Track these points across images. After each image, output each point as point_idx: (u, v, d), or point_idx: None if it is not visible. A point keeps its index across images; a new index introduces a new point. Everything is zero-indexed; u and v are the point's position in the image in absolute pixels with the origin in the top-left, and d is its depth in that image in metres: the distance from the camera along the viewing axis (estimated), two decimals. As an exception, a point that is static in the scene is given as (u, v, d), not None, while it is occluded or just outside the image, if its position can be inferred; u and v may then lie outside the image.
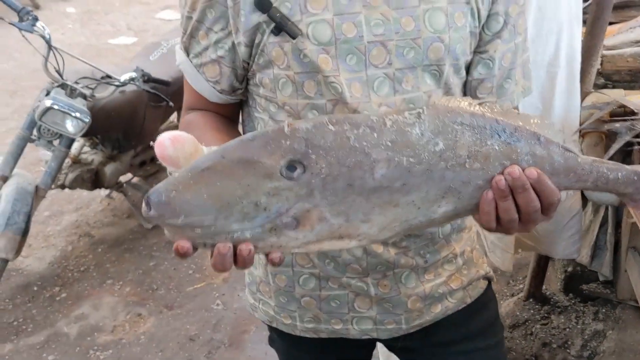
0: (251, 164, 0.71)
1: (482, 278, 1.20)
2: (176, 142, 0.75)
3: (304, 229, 0.74)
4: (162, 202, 0.69)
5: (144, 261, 3.29)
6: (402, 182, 0.75)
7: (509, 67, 1.07)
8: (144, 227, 3.55)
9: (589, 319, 2.37)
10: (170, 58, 3.41)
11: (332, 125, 0.73)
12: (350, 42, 0.95)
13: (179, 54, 1.08)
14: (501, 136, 0.79)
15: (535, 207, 0.79)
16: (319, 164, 0.72)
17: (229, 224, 0.71)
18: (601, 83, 2.03)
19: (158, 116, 3.50)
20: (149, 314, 2.89)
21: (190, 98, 1.11)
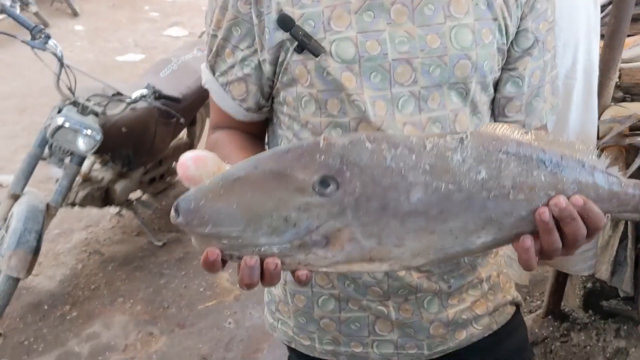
0: (283, 177, 0.69)
1: (509, 304, 1.16)
2: (199, 162, 0.74)
3: (333, 249, 0.72)
4: (190, 209, 0.68)
5: (155, 279, 3.26)
6: (439, 208, 0.73)
7: (538, 84, 1.05)
8: (154, 244, 3.53)
9: (610, 336, 2.32)
10: (181, 74, 3.43)
11: (370, 143, 0.71)
12: (374, 59, 0.93)
13: (205, 73, 1.07)
14: (547, 166, 0.76)
15: (583, 234, 0.76)
16: (353, 182, 0.70)
17: (257, 237, 0.70)
18: (619, 96, 2.00)
19: (168, 133, 3.49)
20: (161, 333, 2.85)
21: (217, 117, 1.10)
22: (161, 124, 3.30)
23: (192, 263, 3.38)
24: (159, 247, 3.53)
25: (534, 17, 1.00)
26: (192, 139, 3.92)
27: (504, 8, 0.97)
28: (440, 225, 0.74)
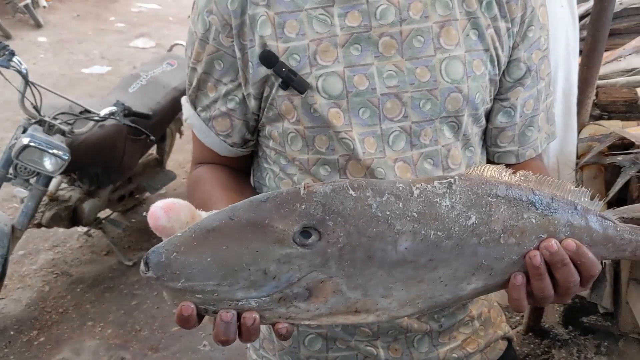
0: (261, 228, 0.66)
1: (500, 339, 1.12)
2: (170, 212, 0.70)
3: (316, 301, 0.69)
4: (161, 263, 0.65)
5: (126, 300, 3.17)
6: (428, 257, 0.70)
7: (531, 114, 1.03)
8: (125, 264, 3.44)
9: (591, 352, 2.33)
10: (150, 90, 3.37)
11: (353, 191, 0.68)
12: (362, 94, 0.90)
13: (186, 108, 1.03)
14: (538, 208, 0.73)
15: (575, 281, 0.73)
16: (336, 232, 0.67)
17: (234, 291, 0.66)
18: (597, 114, 2.01)
19: (138, 150, 3.42)
20: (133, 358, 2.76)
21: (199, 152, 1.05)
22: (130, 141, 3.23)
23: (164, 283, 3.29)
24: (130, 266, 3.43)
25: (527, 46, 0.97)
26: (161, 154, 3.85)
27: (495, 38, 0.94)
28: (429, 273, 0.71)
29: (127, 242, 3.71)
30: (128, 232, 3.78)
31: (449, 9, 0.92)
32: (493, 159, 1.06)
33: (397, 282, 0.70)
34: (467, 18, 0.93)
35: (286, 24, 0.90)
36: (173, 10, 8.31)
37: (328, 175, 0.93)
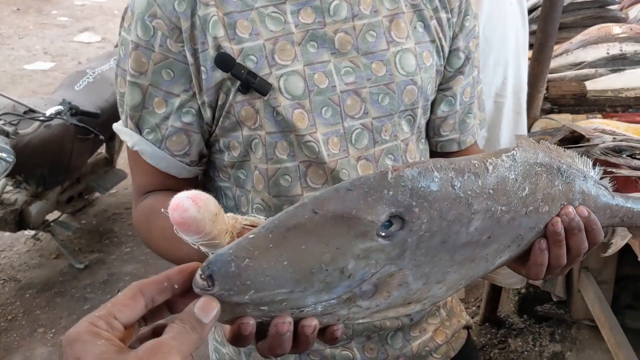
0: (346, 221, 0.56)
1: (462, 328, 1.14)
2: (199, 201, 0.62)
3: (379, 297, 0.62)
4: (230, 273, 0.53)
5: (78, 305, 3.08)
6: (488, 234, 0.66)
7: (469, 101, 1.05)
8: (75, 267, 3.34)
9: (546, 340, 2.38)
10: (97, 87, 3.27)
11: (437, 172, 0.60)
12: (323, 93, 0.88)
13: (128, 135, 0.91)
14: (563, 175, 0.72)
15: (585, 248, 0.74)
16: (420, 219, 0.59)
17: (305, 297, 0.57)
18: (548, 108, 2.05)
19: (86, 149, 3.33)
20: (88, 364, 2.68)
21: (146, 179, 0.95)
22: (78, 140, 3.13)
23: (117, 285, 3.21)
24: (81, 269, 3.34)
25: (464, 35, 1.00)
26: (111, 153, 3.75)
27: (438, 29, 0.96)
28: (481, 251, 0.67)
29: (78, 244, 3.60)
30: (78, 234, 3.67)
31: (395, 2, 0.93)
32: (436, 148, 1.07)
33: (454, 265, 0.66)
34: (413, 10, 0.94)
35: (237, 24, 0.85)
36: (119, 3, 8.09)
37: (289, 186, 0.89)
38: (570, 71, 2.21)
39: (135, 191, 0.97)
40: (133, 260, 3.44)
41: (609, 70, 2.15)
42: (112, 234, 3.72)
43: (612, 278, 2.17)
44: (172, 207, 0.62)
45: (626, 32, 2.28)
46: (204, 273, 0.54)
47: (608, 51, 2.21)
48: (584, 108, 2.01)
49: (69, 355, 0.48)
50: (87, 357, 0.47)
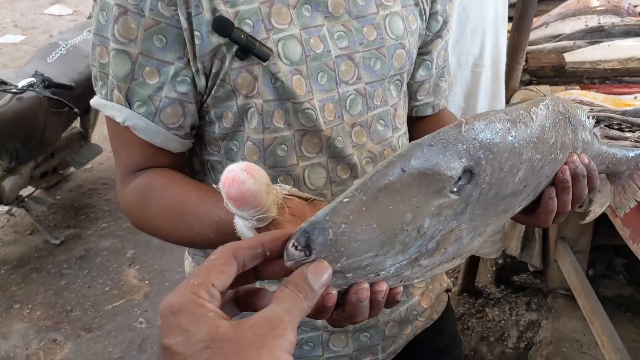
0: (428, 178, 0.55)
1: (444, 291, 1.17)
2: (253, 172, 0.58)
3: (437, 254, 0.60)
4: (328, 241, 0.51)
5: (54, 280, 3.05)
6: (525, 183, 0.65)
7: (443, 65, 1.07)
8: (51, 242, 3.29)
9: (522, 309, 2.43)
10: (71, 59, 3.20)
11: (499, 123, 0.59)
12: (319, 58, 0.86)
13: (116, 110, 0.84)
14: (572, 123, 0.73)
15: (585, 195, 0.76)
16: (485, 172, 0.58)
17: (385, 260, 0.56)
18: (527, 79, 2.06)
19: (60, 123, 3.26)
20: (66, 339, 2.66)
21: (138, 158, 0.88)
22: (52, 114, 3.06)
23: (94, 261, 3.18)
24: (57, 245, 3.30)
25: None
26: (86, 127, 3.68)
27: None
28: (515, 201, 0.67)
29: (53, 220, 3.55)
30: (53, 210, 3.62)
31: None
32: (411, 113, 1.08)
33: (495, 216, 0.64)
34: None
35: None
36: (90, -25, 7.89)
37: (285, 156, 0.87)
38: (549, 43, 2.22)
39: (122, 171, 0.90)
40: (110, 236, 3.41)
41: (587, 43, 2.17)
42: (88, 209, 3.68)
43: (588, 248, 2.21)
44: (226, 182, 0.59)
45: (604, 4, 2.29)
46: (299, 243, 0.51)
47: (586, 23, 2.23)
48: (562, 80, 2.02)
49: (173, 326, 0.45)
50: (197, 332, 0.45)
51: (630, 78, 2.00)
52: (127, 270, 3.10)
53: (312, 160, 0.88)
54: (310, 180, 0.89)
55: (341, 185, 0.90)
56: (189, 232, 0.81)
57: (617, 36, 2.18)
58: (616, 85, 1.98)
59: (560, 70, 2.01)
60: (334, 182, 0.90)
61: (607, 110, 1.64)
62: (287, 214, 0.68)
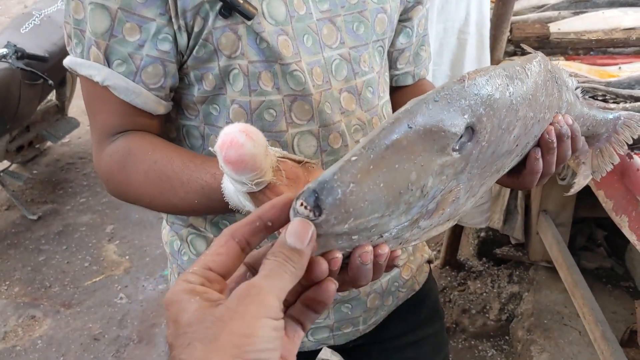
0: (433, 134, 0.52)
1: (425, 262, 1.17)
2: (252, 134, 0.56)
3: (436, 215, 0.58)
4: (337, 201, 0.48)
5: (32, 256, 3.00)
6: (517, 142, 0.64)
7: (423, 33, 1.06)
8: (28, 218, 3.24)
9: (504, 282, 2.43)
10: (45, 30, 3.11)
11: (498, 79, 0.57)
12: (303, 19, 0.83)
13: (94, 68, 0.80)
14: (558, 83, 0.72)
15: (569, 155, 0.75)
16: (485, 129, 0.56)
17: (389, 221, 0.53)
18: (511, 50, 2.03)
19: (35, 95, 3.18)
20: (44, 315, 2.63)
21: (116, 120, 0.83)
22: (26, 86, 2.98)
23: (73, 236, 3.14)
24: (34, 220, 3.25)
25: None
26: (62, 100, 3.61)
27: None
28: (507, 160, 0.65)
29: (30, 195, 3.49)
30: (30, 185, 3.56)
31: None
32: (391, 82, 1.05)
33: (489, 176, 0.63)
34: None
35: None
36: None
37: (274, 121, 0.84)
38: (534, 13, 2.19)
39: (98, 134, 0.85)
40: (89, 211, 3.36)
41: (572, 13, 2.14)
42: (66, 184, 3.61)
43: (570, 221, 2.21)
44: (224, 145, 0.56)
45: (589, -26, 2.26)
46: (308, 203, 0.48)
47: (571, -7, 2.20)
48: (546, 50, 1.99)
49: (168, 318, 0.45)
50: (182, 318, 0.44)
51: (614, 49, 1.98)
52: (106, 246, 3.06)
53: (302, 128, 0.85)
54: (299, 149, 0.86)
55: (332, 155, 0.88)
56: (172, 198, 0.78)
57: (602, 6, 2.15)
58: (600, 56, 1.96)
59: (545, 41, 1.98)
60: (325, 151, 0.87)
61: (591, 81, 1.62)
62: (284, 177, 0.65)
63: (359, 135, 0.90)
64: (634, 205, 1.20)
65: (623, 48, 1.98)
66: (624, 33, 1.97)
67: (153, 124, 0.86)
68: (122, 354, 2.41)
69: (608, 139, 0.93)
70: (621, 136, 0.93)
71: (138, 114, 0.83)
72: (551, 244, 2.05)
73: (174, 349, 0.43)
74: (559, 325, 2.10)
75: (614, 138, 0.93)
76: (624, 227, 1.24)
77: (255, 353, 0.42)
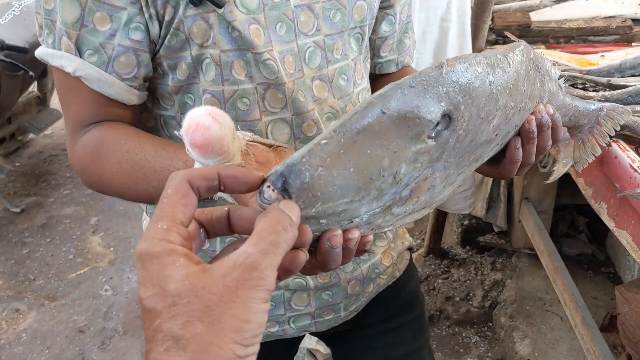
0: (407, 121, 0.52)
1: (406, 249, 1.18)
2: (218, 116, 0.55)
3: (410, 203, 0.58)
4: (305, 184, 0.48)
5: (16, 249, 2.98)
6: (497, 131, 0.64)
7: (406, 20, 1.05)
8: (11, 211, 3.22)
9: (487, 269, 2.46)
10: (25, 20, 3.08)
11: (478, 66, 0.57)
12: (277, 7, 0.83)
13: (65, 59, 0.79)
14: (540, 72, 0.72)
15: (549, 146, 0.76)
16: (463, 117, 0.56)
17: (360, 207, 0.53)
18: (493, 39, 2.04)
19: (16, 87, 3.15)
20: (29, 309, 2.62)
21: (89, 111, 0.83)
22: (6, 77, 2.96)
23: (57, 229, 3.12)
24: (17, 213, 3.22)
25: None
26: (44, 92, 3.57)
27: None
28: (486, 149, 0.65)
29: (13, 187, 3.46)
30: (13, 177, 3.53)
31: None
32: (374, 70, 1.06)
33: (467, 165, 0.63)
34: None
35: None
36: None
37: (247, 110, 0.84)
38: (515, 2, 2.20)
39: (72, 125, 0.85)
40: (72, 203, 3.34)
41: (553, 2, 2.15)
42: (49, 176, 3.59)
43: (552, 208, 2.23)
44: (190, 128, 0.55)
45: (570, -38, 2.27)
46: (275, 185, 0.48)
47: (552, -18, 2.20)
48: (528, 39, 2.00)
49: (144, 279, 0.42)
50: (168, 286, 0.42)
51: (595, 37, 1.99)
52: (91, 238, 3.04)
53: (276, 116, 0.86)
54: (273, 136, 0.86)
55: (306, 142, 0.88)
56: (146, 187, 0.77)
57: (583, -5, 2.17)
58: (581, 44, 1.97)
59: (526, 30, 1.99)
60: (298, 138, 0.88)
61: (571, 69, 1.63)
62: (253, 161, 0.65)
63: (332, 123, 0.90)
64: (612, 193, 1.22)
65: (603, 36, 1.99)
66: (605, 21, 1.98)
67: (127, 114, 0.85)
68: (108, 346, 2.41)
69: (590, 130, 0.93)
70: (604, 128, 0.93)
71: (111, 105, 0.82)
72: (533, 231, 2.07)
73: (158, 316, 0.41)
74: (541, 312, 2.12)
75: (596, 129, 0.93)
76: (603, 214, 1.26)
77: (251, 339, 0.42)
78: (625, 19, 1.99)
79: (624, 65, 1.53)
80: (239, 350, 0.41)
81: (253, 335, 0.42)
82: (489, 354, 2.17)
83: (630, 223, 1.14)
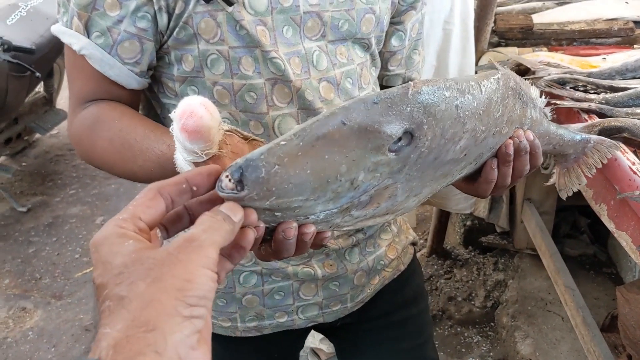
0: (367, 134, 0.57)
1: (410, 244, 1.21)
2: (209, 107, 0.59)
3: (370, 207, 0.63)
4: (260, 179, 0.53)
5: (22, 248, 3.01)
6: (466, 152, 0.67)
7: (416, 37, 1.08)
8: (18, 210, 3.24)
9: (490, 269, 2.47)
10: (31, 22, 3.10)
11: (447, 91, 0.61)
12: (286, 12, 0.86)
13: (74, 37, 0.84)
14: (522, 99, 0.74)
15: (526, 170, 0.78)
16: (426, 136, 0.60)
17: (315, 205, 0.58)
18: (495, 41, 2.05)
19: (23, 88, 3.18)
20: (35, 307, 2.65)
21: (90, 88, 0.89)
22: (13, 78, 2.98)
23: (63, 228, 3.15)
24: (24, 213, 3.25)
25: None
26: (50, 92, 3.60)
27: None
28: (455, 167, 0.69)
29: (19, 187, 3.49)
30: (19, 177, 3.55)
31: None
32: (382, 82, 1.09)
33: (433, 180, 0.67)
34: None
35: None
36: None
37: (254, 103, 0.88)
38: (518, 4, 2.21)
39: (74, 100, 0.91)
40: (78, 202, 3.36)
41: (555, 4, 2.17)
42: (56, 176, 3.62)
43: (553, 209, 2.24)
44: (184, 114, 0.59)
45: (572, -35, 2.28)
46: (232, 177, 0.53)
47: (555, -16, 2.22)
48: (530, 41, 2.02)
49: (96, 261, 0.46)
50: (115, 259, 0.45)
51: (597, 39, 2.00)
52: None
53: (282, 111, 0.89)
54: (280, 130, 0.89)
55: None
56: (132, 166, 0.81)
57: (585, -3, 2.18)
58: (583, 46, 1.99)
59: (529, 32, 2.00)
60: None
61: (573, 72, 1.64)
62: (230, 150, 0.69)
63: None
64: (612, 195, 1.23)
65: (605, 38, 2.01)
66: (607, 24, 1.99)
67: (126, 96, 0.90)
68: (113, 345, 2.43)
69: (577, 160, 0.94)
70: (590, 160, 0.94)
71: (111, 85, 0.88)
72: (535, 232, 2.09)
73: (105, 287, 0.44)
74: (543, 312, 2.14)
75: (582, 160, 0.94)
76: (603, 216, 1.27)
77: (195, 299, 0.44)
78: (627, 21, 2.00)
79: (625, 68, 1.55)
80: (181, 307, 0.43)
81: (197, 297, 0.44)
82: (491, 354, 2.19)
83: (630, 225, 1.16)
